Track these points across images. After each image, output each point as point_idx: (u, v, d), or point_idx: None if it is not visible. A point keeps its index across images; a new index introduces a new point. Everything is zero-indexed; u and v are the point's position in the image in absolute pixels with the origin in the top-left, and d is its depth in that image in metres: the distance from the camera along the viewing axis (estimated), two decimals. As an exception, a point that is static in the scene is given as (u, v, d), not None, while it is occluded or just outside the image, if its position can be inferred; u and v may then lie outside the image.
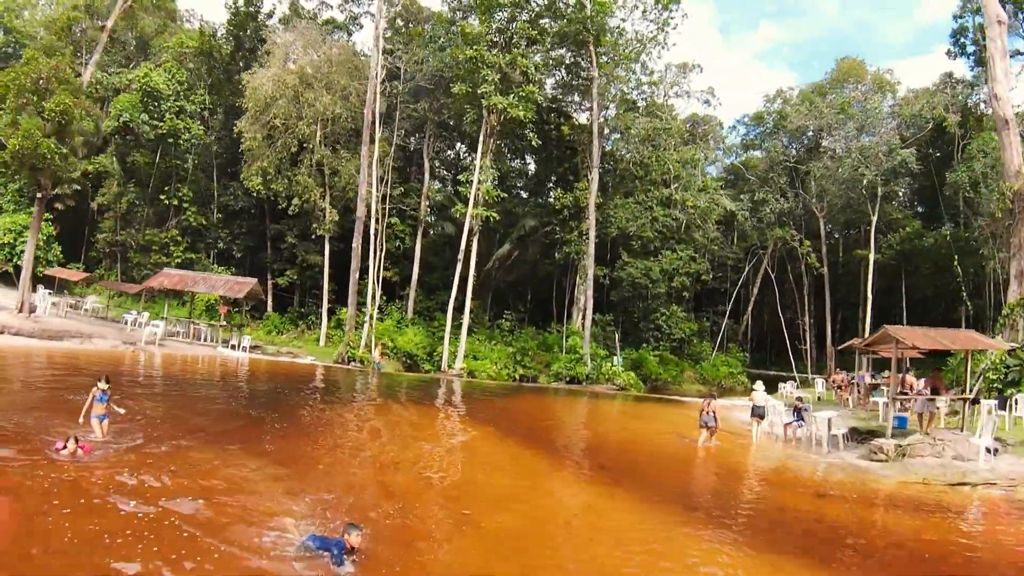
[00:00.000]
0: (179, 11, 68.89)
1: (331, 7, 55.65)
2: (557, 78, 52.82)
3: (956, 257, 51.46)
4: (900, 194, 60.07)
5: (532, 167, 60.35)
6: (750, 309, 64.80)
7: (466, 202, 40.96)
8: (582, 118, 54.22)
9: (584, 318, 44.74)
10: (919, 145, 54.36)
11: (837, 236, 66.66)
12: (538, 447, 17.99)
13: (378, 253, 43.65)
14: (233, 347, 36.96)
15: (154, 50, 59.34)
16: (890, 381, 35.85)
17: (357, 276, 41.64)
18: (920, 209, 62.25)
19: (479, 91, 38.86)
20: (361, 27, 57.35)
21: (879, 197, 53.77)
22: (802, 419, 22.31)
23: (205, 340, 38.97)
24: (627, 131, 53.56)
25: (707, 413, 19.97)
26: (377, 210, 43.70)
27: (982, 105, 56.65)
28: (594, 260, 45.19)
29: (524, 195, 60.53)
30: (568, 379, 40.33)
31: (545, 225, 52.36)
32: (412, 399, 26.02)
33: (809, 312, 62.02)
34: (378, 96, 42.60)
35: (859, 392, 32.74)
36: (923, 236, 56.52)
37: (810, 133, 61.29)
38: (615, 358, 43.71)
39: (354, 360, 38.30)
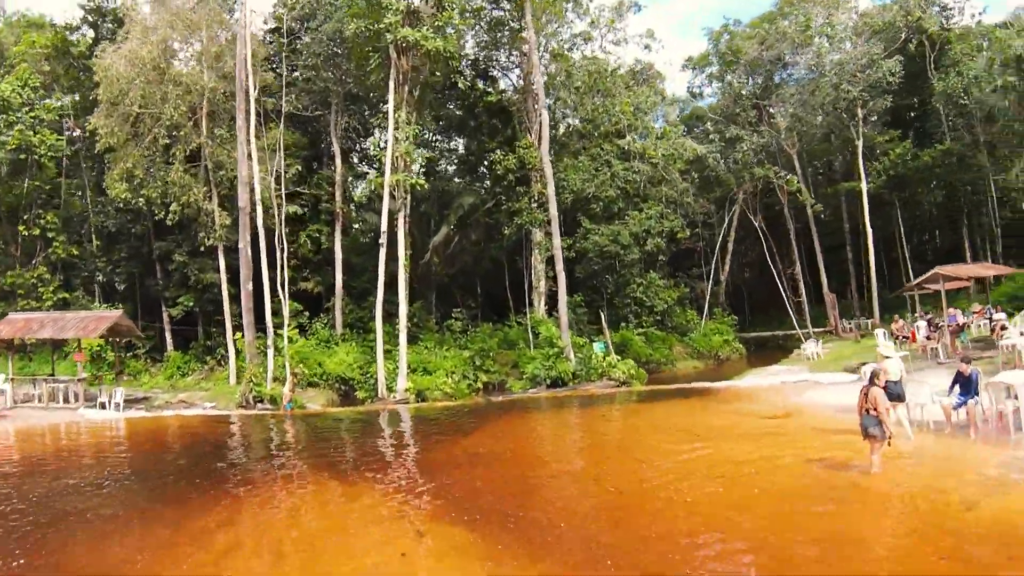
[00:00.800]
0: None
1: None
2: (478, 39, 45.40)
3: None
4: (878, 115, 53.09)
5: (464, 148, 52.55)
6: (727, 267, 57.31)
7: (382, 172, 32.16)
8: (512, 77, 47.18)
9: (557, 300, 36.27)
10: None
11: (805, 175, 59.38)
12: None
13: (281, 255, 34.23)
14: (103, 405, 27.74)
15: (10, 60, 49.51)
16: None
17: (250, 288, 31.90)
18: (898, 131, 55.14)
19: (382, 24, 29.98)
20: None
21: (860, 119, 47.46)
22: (976, 392, 14.30)
23: (69, 401, 29.40)
24: (568, 79, 45.90)
25: (867, 412, 11.65)
26: (272, 200, 34.63)
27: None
28: (558, 225, 36.53)
29: (457, 180, 52.35)
30: (550, 382, 31.67)
31: (485, 202, 44.57)
32: (326, 465, 16.13)
33: (800, 260, 55.06)
34: (248, 42, 33.22)
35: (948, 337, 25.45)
36: (917, 157, 49.90)
37: (768, 66, 54.18)
38: (596, 345, 35.25)
39: (261, 401, 28.80)
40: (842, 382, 24.23)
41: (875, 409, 11.45)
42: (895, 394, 14.26)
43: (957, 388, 14.72)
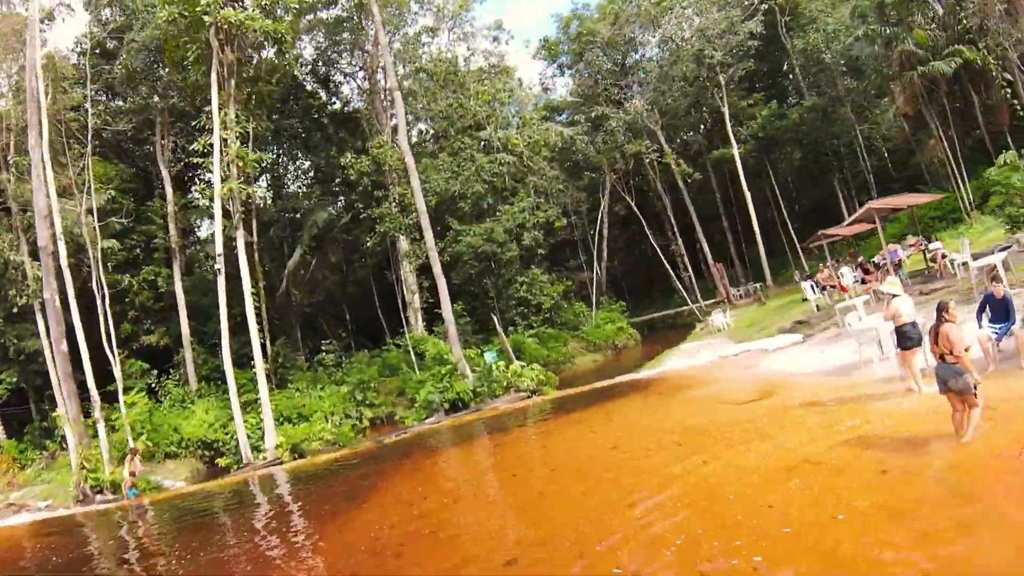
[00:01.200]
0: None
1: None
2: (316, 43, 41.88)
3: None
4: (738, 82, 52.12)
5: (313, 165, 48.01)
6: (604, 253, 54.78)
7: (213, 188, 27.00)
8: (358, 80, 43.90)
9: (434, 315, 32.48)
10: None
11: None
12: None
13: (103, 304, 28.01)
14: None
15: None
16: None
17: (65, 348, 25.52)
18: (761, 94, 56.18)
19: (200, 6, 24.97)
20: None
21: (724, 85, 46.12)
22: (1015, 318, 11.61)
23: None
24: (417, 74, 43.21)
25: (942, 359, 8.76)
26: (86, 238, 28.80)
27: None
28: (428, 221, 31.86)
29: (308, 204, 47.80)
30: (448, 406, 26.98)
31: (342, 217, 40.66)
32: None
33: (680, 234, 53.79)
34: (38, 42, 27.49)
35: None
36: (784, 116, 50.45)
37: (624, 46, 52.98)
38: (487, 355, 31.00)
39: (101, 491, 22.86)
40: (786, 345, 21.52)
41: (952, 353, 8.44)
42: (914, 338, 11.53)
43: (987, 316, 12.08)
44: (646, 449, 12.97)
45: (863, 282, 24.24)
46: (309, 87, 41.34)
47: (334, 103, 41.95)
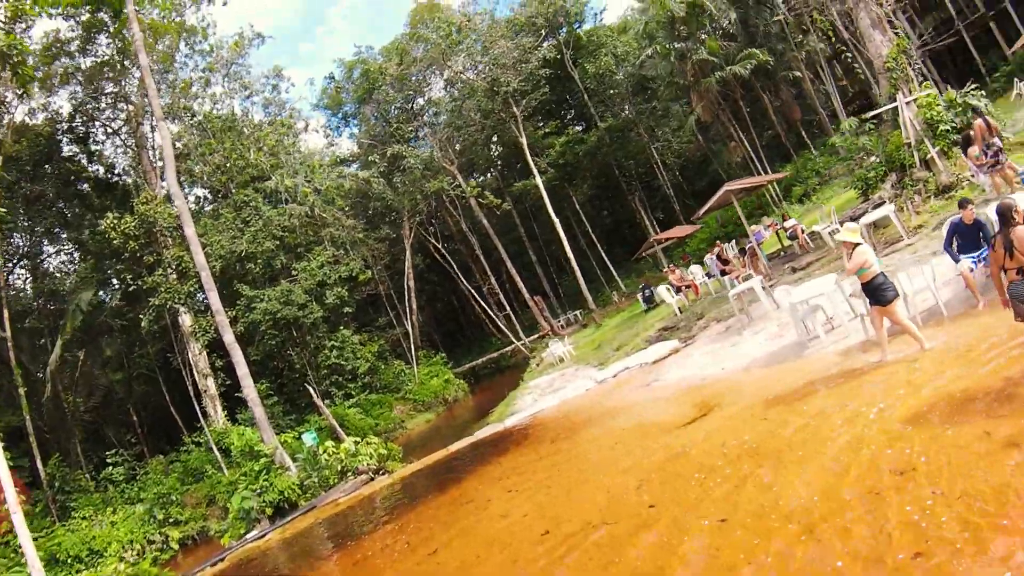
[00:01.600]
0: None
1: None
2: (74, 92, 36.00)
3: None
4: (534, 111, 51.04)
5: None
6: (414, 305, 51.23)
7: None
8: (122, 136, 38.55)
9: (235, 399, 27.56)
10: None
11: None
12: None
13: None
14: None
15: None
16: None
17: None
18: (556, 122, 58.03)
19: None
20: None
21: (520, 117, 44.54)
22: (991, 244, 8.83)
23: None
24: (190, 120, 39.07)
25: (1019, 274, 6.68)
26: None
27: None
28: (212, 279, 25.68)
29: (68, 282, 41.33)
30: (272, 511, 20.91)
31: (114, 298, 36.20)
32: None
33: (491, 273, 52.57)
34: None
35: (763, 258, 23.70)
36: (582, 141, 53.14)
37: (416, 84, 51.15)
38: (305, 436, 25.59)
39: None
40: (668, 353, 18.72)
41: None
42: (891, 287, 9.30)
43: (955, 245, 10.58)
44: (599, 524, 8.09)
45: (723, 273, 23.31)
46: (67, 150, 36.15)
47: (97, 170, 37.35)
